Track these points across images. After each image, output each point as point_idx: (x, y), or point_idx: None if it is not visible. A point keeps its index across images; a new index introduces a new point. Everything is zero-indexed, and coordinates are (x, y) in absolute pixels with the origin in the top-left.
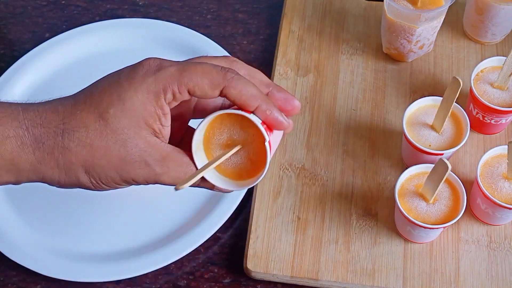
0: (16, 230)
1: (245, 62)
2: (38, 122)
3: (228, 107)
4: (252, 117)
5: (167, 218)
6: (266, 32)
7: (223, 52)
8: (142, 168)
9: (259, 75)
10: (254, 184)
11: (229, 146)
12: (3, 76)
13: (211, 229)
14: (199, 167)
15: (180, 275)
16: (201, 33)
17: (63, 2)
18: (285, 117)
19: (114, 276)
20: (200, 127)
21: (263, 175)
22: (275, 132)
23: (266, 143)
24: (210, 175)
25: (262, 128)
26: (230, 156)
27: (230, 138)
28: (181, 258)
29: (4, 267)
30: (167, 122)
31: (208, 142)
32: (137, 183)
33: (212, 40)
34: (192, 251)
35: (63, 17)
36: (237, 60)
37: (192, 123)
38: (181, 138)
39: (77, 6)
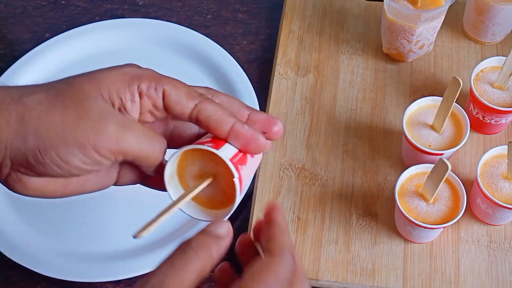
0: (16, 230)
1: (245, 62)
2: None
3: (204, 135)
4: (220, 153)
5: (167, 218)
6: (266, 32)
7: (223, 52)
8: (101, 127)
9: (238, 101)
10: (226, 217)
11: (202, 177)
12: (3, 76)
13: None
14: (173, 197)
15: None
16: (201, 33)
17: (63, 2)
18: (261, 135)
19: (114, 276)
20: (172, 159)
21: (232, 210)
22: (250, 160)
23: (235, 179)
24: (185, 205)
25: (231, 164)
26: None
27: (202, 170)
28: None
29: (4, 267)
30: (132, 112)
31: (182, 172)
32: (97, 151)
33: (212, 40)
34: None
35: (63, 17)
36: (216, 90)
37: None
38: None
39: (77, 6)
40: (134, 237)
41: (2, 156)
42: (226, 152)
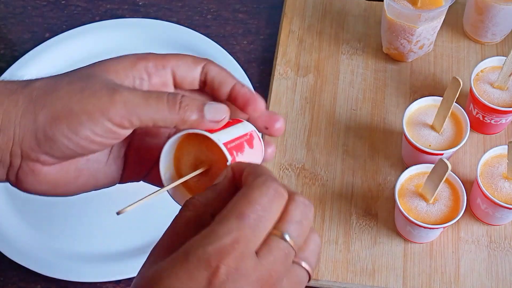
0: (16, 230)
1: (245, 62)
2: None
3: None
4: (213, 136)
5: (168, 217)
6: (266, 32)
7: (223, 52)
8: (107, 95)
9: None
10: None
11: (197, 167)
12: (3, 76)
13: None
14: (165, 184)
15: None
16: (201, 33)
17: (63, 2)
18: (261, 99)
19: (114, 276)
20: (166, 149)
21: None
22: (249, 150)
23: (229, 163)
24: (178, 194)
25: (223, 147)
26: (199, 177)
27: (198, 159)
28: None
29: (4, 267)
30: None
31: (178, 163)
32: (109, 119)
33: (212, 40)
34: None
35: (63, 17)
36: None
37: None
38: (155, 162)
39: (77, 6)
40: (118, 213)
41: (11, 144)
42: (220, 136)
